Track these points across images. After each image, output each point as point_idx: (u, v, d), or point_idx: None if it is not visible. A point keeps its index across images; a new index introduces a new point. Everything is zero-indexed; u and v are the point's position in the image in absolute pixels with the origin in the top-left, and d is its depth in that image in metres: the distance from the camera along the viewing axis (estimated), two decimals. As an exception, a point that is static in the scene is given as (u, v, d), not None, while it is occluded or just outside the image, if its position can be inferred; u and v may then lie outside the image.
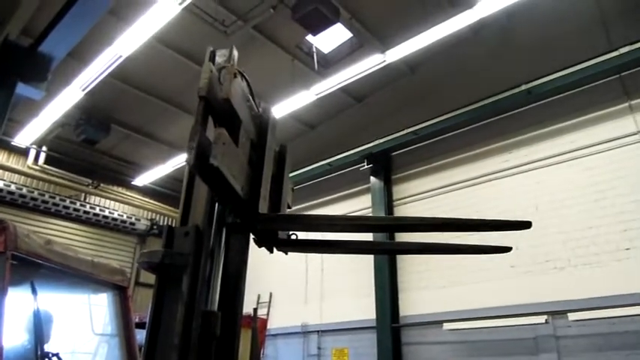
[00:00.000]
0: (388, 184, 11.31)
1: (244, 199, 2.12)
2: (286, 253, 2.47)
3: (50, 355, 2.36)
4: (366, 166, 11.36)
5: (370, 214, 11.21)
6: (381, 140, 10.98)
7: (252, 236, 2.32)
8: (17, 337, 2.42)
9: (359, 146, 11.38)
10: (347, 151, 11.60)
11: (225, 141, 1.88)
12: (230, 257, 2.31)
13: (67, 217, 12.26)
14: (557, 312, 8.10)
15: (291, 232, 2.51)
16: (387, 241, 5.14)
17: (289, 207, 2.66)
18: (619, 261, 7.83)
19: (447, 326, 9.36)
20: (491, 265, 9.18)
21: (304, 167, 12.10)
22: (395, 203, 11.15)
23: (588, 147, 8.64)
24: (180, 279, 2.01)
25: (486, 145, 9.99)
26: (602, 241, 8.07)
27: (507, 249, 2.41)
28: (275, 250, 2.42)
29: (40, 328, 2.37)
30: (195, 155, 1.86)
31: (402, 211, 10.99)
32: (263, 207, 2.21)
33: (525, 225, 2.11)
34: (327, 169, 11.98)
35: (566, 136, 8.97)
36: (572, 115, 8.95)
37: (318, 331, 11.47)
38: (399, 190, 11.22)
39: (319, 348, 11.41)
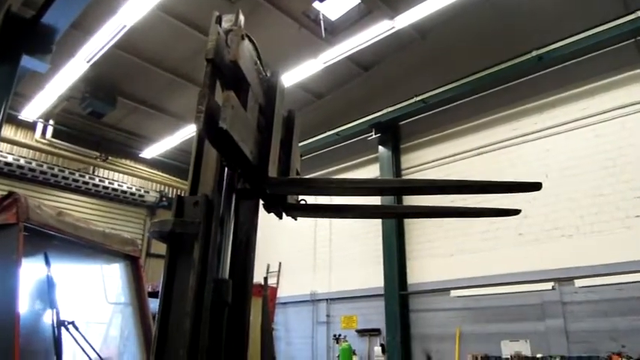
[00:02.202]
0: (396, 153, 11.25)
1: (254, 164, 2.10)
2: (295, 219, 2.46)
3: (66, 323, 2.41)
4: (374, 136, 11.28)
5: (378, 184, 11.19)
6: (390, 109, 10.85)
7: (261, 203, 2.31)
8: (33, 306, 2.47)
9: (367, 115, 11.27)
10: (355, 120, 11.49)
11: (234, 104, 1.85)
12: (240, 225, 2.32)
13: (77, 190, 12.37)
14: (564, 279, 8.15)
15: (300, 198, 2.51)
16: (396, 205, 5.11)
17: (298, 174, 2.64)
18: (628, 228, 7.81)
19: (454, 293, 9.47)
20: (498, 233, 9.21)
21: (312, 137, 12.04)
22: (403, 172, 11.12)
23: (600, 114, 8.50)
24: (192, 248, 2.02)
25: (496, 113, 9.86)
26: (612, 209, 8.04)
27: (516, 211, 2.39)
28: (284, 215, 2.41)
29: (54, 298, 2.41)
30: (205, 119, 1.83)
31: (411, 180, 10.98)
32: (272, 171, 2.19)
33: (535, 186, 2.07)
34: (335, 138, 11.91)
35: (577, 102, 8.82)
36: (584, 82, 8.77)
37: (327, 299, 11.66)
38: (408, 159, 11.17)
39: (328, 315, 11.63)
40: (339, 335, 11.00)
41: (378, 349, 10.39)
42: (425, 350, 9.70)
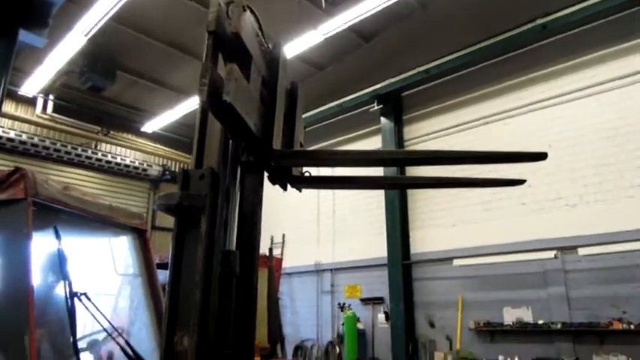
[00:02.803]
0: (399, 125, 11.20)
1: (258, 136, 2.10)
2: (300, 190, 2.48)
3: (79, 294, 2.46)
4: (376, 107, 11.20)
5: (381, 155, 11.18)
6: (391, 80, 10.74)
7: (266, 175, 2.32)
8: (46, 279, 2.52)
9: (369, 87, 11.17)
10: (357, 92, 11.39)
11: (237, 77, 1.84)
12: (245, 197, 2.33)
13: (80, 165, 12.40)
14: (566, 247, 8.23)
15: (304, 170, 2.52)
16: (400, 176, 5.07)
17: (302, 146, 2.64)
18: (631, 197, 7.83)
19: (457, 262, 9.58)
20: (502, 203, 9.25)
21: (314, 109, 11.96)
22: (406, 144, 11.09)
23: (604, 83, 8.41)
24: (199, 220, 2.04)
25: (500, 83, 9.75)
26: (615, 178, 8.04)
27: (521, 181, 2.40)
28: (289, 188, 2.42)
29: (66, 270, 2.46)
30: (208, 92, 1.83)
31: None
32: (277, 144, 2.19)
33: (540, 156, 2.08)
34: (337, 110, 11.84)
35: (581, 72, 8.71)
36: (588, 51, 8.64)
37: (331, 270, 11.83)
38: (410, 131, 11.12)
39: (332, 285, 11.82)
40: (344, 304, 11.21)
41: (381, 316, 10.60)
42: (428, 317, 9.89)
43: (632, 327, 7.28)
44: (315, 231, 12.24)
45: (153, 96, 12.93)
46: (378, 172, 10.87)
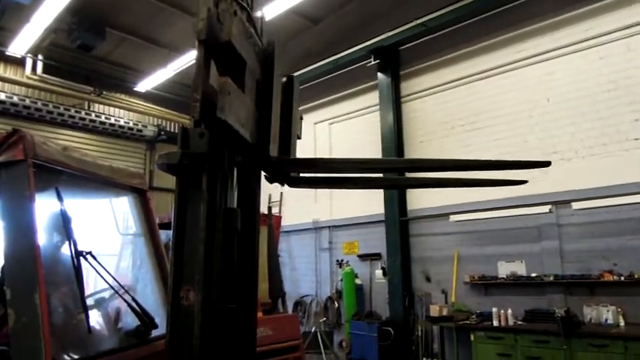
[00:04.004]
0: (396, 80, 11.05)
1: (254, 144, 2.08)
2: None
3: (84, 253, 2.50)
4: (373, 62, 11.01)
5: (378, 112, 11.11)
6: (389, 34, 10.48)
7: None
8: (51, 240, 2.55)
9: (365, 41, 10.92)
10: (353, 46, 11.16)
11: (231, 90, 1.79)
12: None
13: (74, 127, 12.26)
14: (561, 202, 8.34)
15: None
16: (401, 177, 4.95)
17: (299, 138, 2.62)
18: (627, 151, 7.87)
19: (453, 218, 9.72)
20: (498, 158, 9.26)
21: (308, 66, 11.76)
22: (403, 99, 11.00)
23: (604, 35, 8.26)
24: (200, 179, 2.05)
25: (498, 36, 9.57)
26: (612, 132, 8.05)
27: (522, 182, 2.43)
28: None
29: (70, 230, 2.48)
30: (201, 109, 1.78)
31: (411, 106, 10.87)
32: (273, 150, 2.17)
33: (544, 164, 2.12)
34: (333, 66, 11.62)
35: (581, 24, 8.53)
36: (588, 1, 8.43)
37: (329, 227, 11.99)
38: (408, 86, 11.00)
39: (330, 242, 12.01)
40: (342, 260, 11.44)
41: (379, 272, 10.85)
42: (424, 272, 10.13)
43: (622, 278, 7.49)
44: (313, 189, 12.30)
45: (145, 54, 12.64)
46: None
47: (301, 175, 2.51)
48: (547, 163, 2.08)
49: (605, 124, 8.12)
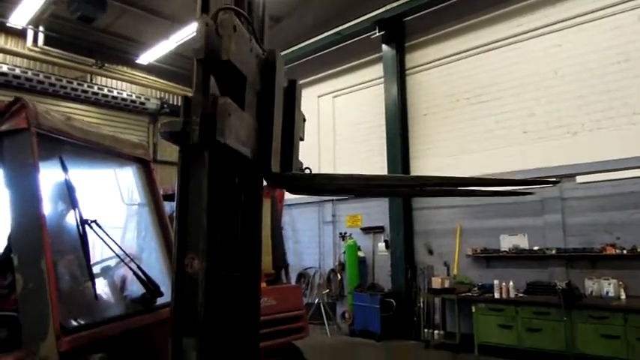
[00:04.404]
0: (401, 52, 10.88)
1: (255, 161, 2.05)
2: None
3: (89, 221, 2.52)
4: (377, 34, 10.83)
5: (382, 85, 10.99)
6: (394, 4, 10.26)
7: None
8: (56, 209, 2.56)
9: (370, 12, 10.71)
10: (357, 18, 10.95)
11: (231, 111, 1.74)
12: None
13: (77, 99, 12.20)
14: (565, 175, 8.30)
15: (304, 167, 2.53)
16: (409, 184, 4.76)
17: (302, 139, 2.59)
18: (634, 124, 7.79)
19: (456, 191, 9.70)
20: (504, 132, 9.22)
21: (312, 37, 11.58)
22: (408, 72, 10.85)
23: (616, 5, 8.06)
24: (202, 147, 2.04)
25: (506, 7, 9.36)
26: (619, 105, 7.95)
27: (529, 193, 2.41)
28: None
29: (75, 198, 2.50)
30: (200, 132, 1.74)
31: (416, 79, 10.74)
32: (275, 164, 2.15)
33: (554, 183, 2.10)
34: (337, 38, 11.44)
35: (592, -8, 8.32)
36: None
37: (332, 200, 12.01)
38: (412, 58, 10.84)
39: (334, 215, 12.06)
40: (345, 233, 11.51)
41: (382, 245, 10.93)
42: (427, 245, 10.20)
43: (624, 252, 7.52)
44: (316, 162, 12.27)
45: (146, 25, 12.46)
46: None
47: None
48: (555, 182, 2.07)
49: (613, 97, 8.01)
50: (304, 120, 2.69)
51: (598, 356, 7.06)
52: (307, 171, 2.68)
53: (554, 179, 7.78)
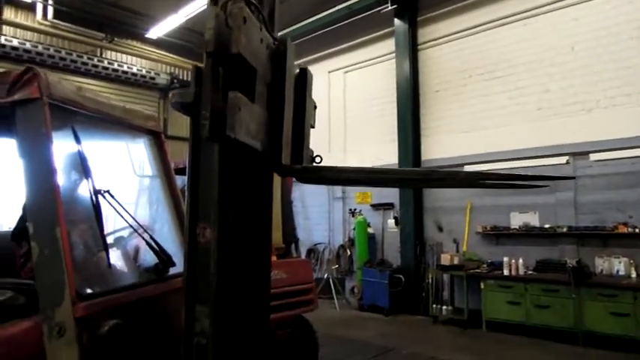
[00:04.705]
0: (413, 27, 10.68)
1: (265, 153, 2.03)
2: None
3: (102, 191, 2.54)
4: (389, 7, 10.61)
5: (393, 60, 10.83)
6: (407, -23, 10.06)
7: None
8: (69, 178, 2.58)
9: (382, -16, 10.48)
10: (368, -10, 10.71)
11: (241, 105, 1.71)
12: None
13: (87, 74, 12.20)
14: (579, 153, 8.20)
15: (315, 154, 2.52)
16: (417, 178, 4.41)
17: (313, 127, 2.56)
18: (651, 101, 7.62)
19: (468, 169, 9.63)
20: (517, 108, 9.08)
21: (323, 12, 11.37)
22: (420, 47, 10.67)
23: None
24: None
25: (521, -21, 9.10)
26: (636, 81, 7.79)
27: (543, 185, 2.32)
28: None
29: (88, 168, 2.51)
30: (210, 128, 1.72)
31: (428, 54, 10.56)
32: (285, 156, 2.12)
33: (568, 179, 2.02)
34: (346, 12, 11.17)
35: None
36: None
37: (342, 177, 11.98)
38: (425, 33, 10.63)
39: (343, 192, 12.07)
40: (355, 210, 11.54)
41: (391, 221, 10.96)
42: (436, 222, 10.20)
43: (636, 230, 7.46)
44: (326, 138, 12.23)
45: (154, -1, 12.34)
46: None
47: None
48: (571, 178, 2.01)
49: (630, 73, 7.83)
50: (315, 107, 2.68)
51: (606, 334, 7.08)
52: (317, 159, 2.69)
53: (571, 176, 7.75)
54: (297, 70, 2.42)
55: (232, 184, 2.16)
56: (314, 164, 2.63)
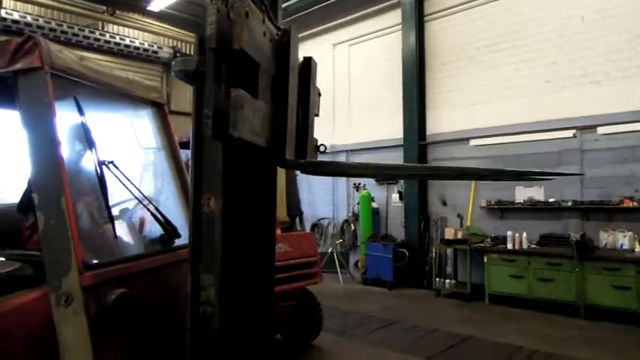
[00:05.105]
0: (420, -3, 10.46)
1: (269, 149, 2.00)
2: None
3: (106, 162, 2.53)
4: (395, -22, 10.38)
5: (399, 32, 10.64)
6: (414, -55, 9.78)
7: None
8: (73, 149, 2.57)
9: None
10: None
11: (244, 103, 1.66)
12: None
13: (89, 48, 12.06)
14: (586, 126, 8.10)
15: (319, 144, 2.49)
16: (423, 173, 4.22)
17: (317, 115, 2.52)
18: (662, 73, 7.47)
19: (473, 142, 9.58)
20: (525, 81, 8.94)
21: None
22: (426, 19, 10.46)
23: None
24: (217, 86, 2.00)
25: (532, -53, 8.84)
26: (647, 53, 7.61)
27: (551, 178, 2.29)
28: None
29: (92, 139, 2.50)
30: (213, 126, 1.68)
31: (435, 26, 10.36)
32: (289, 151, 2.09)
33: (577, 175, 1.99)
34: (353, -18, 10.99)
35: None
36: None
37: (346, 151, 11.96)
38: (432, 4, 10.40)
39: (348, 167, 12.02)
40: (359, 184, 11.53)
41: (395, 196, 10.96)
42: (441, 196, 10.18)
43: (642, 204, 7.43)
44: (330, 112, 12.13)
45: (156, -30, 12.11)
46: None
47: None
48: (580, 175, 1.98)
49: (640, 44, 7.66)
50: (319, 95, 2.64)
51: (609, 307, 7.13)
52: (322, 148, 2.68)
53: (579, 173, 7.71)
54: (301, 60, 2.39)
55: (236, 157, 2.15)
56: (318, 158, 2.63)
